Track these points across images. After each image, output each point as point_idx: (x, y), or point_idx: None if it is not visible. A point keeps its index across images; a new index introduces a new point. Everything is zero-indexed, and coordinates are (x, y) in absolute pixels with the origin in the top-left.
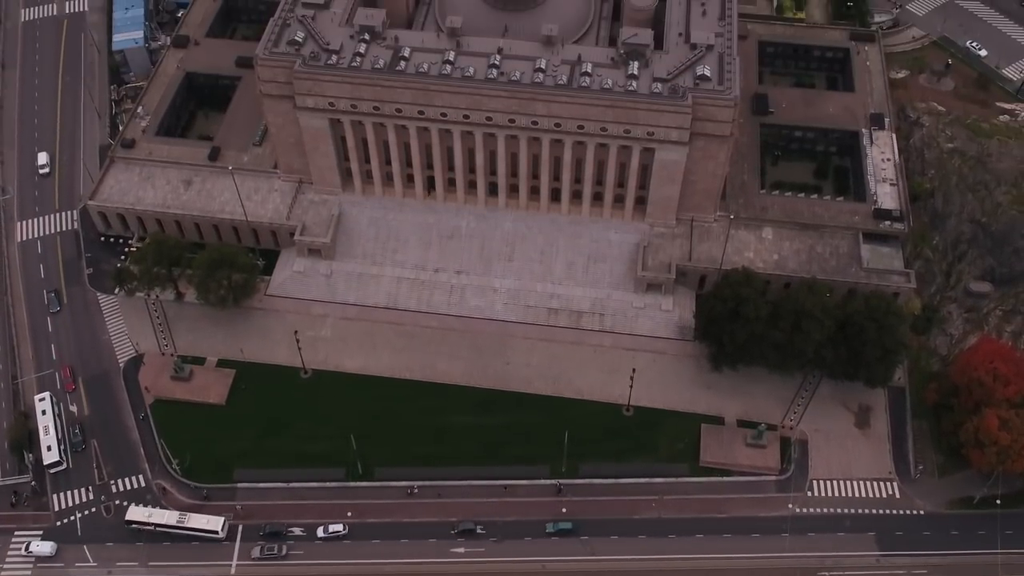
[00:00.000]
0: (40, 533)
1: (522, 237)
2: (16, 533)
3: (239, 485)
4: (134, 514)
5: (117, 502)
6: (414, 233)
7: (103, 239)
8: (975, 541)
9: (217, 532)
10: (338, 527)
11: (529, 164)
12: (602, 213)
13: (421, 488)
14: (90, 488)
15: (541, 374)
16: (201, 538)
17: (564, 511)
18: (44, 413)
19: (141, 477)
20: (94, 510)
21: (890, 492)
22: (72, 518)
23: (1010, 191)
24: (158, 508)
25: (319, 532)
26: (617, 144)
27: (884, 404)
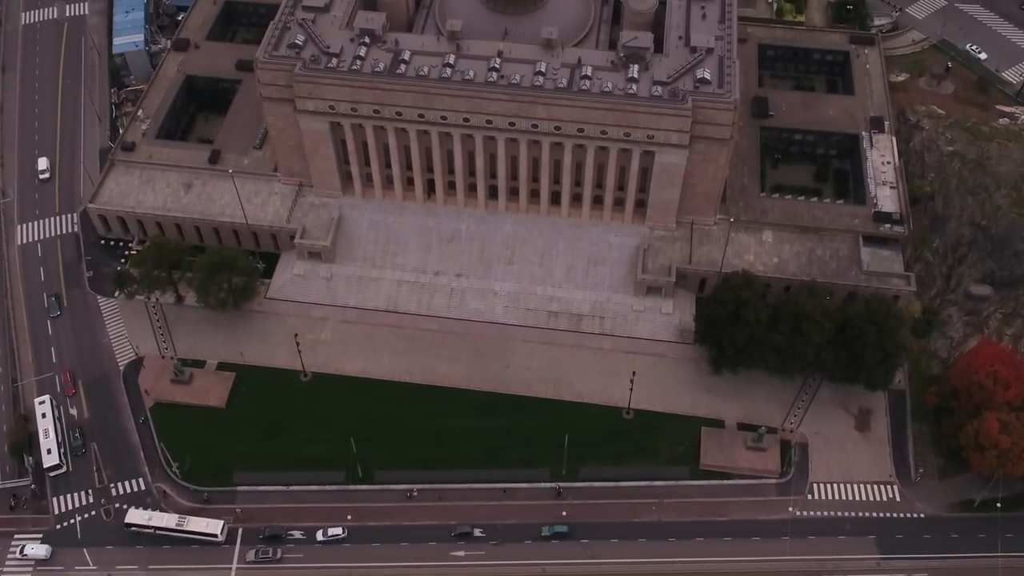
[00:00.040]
0: (40, 536)
1: (522, 240)
2: (16, 536)
3: (239, 488)
4: (133, 517)
5: (117, 505)
6: (414, 236)
7: (103, 242)
8: (975, 544)
9: (216, 535)
10: (337, 530)
11: (529, 167)
12: (602, 216)
13: (421, 491)
14: (90, 491)
15: (541, 377)
16: (200, 541)
17: (564, 514)
18: (44, 416)
19: (141, 480)
20: (94, 513)
21: (890, 495)
22: (72, 521)
23: (1010, 194)
24: (158, 511)
25: (318, 536)
26: (617, 147)
27: (884, 407)
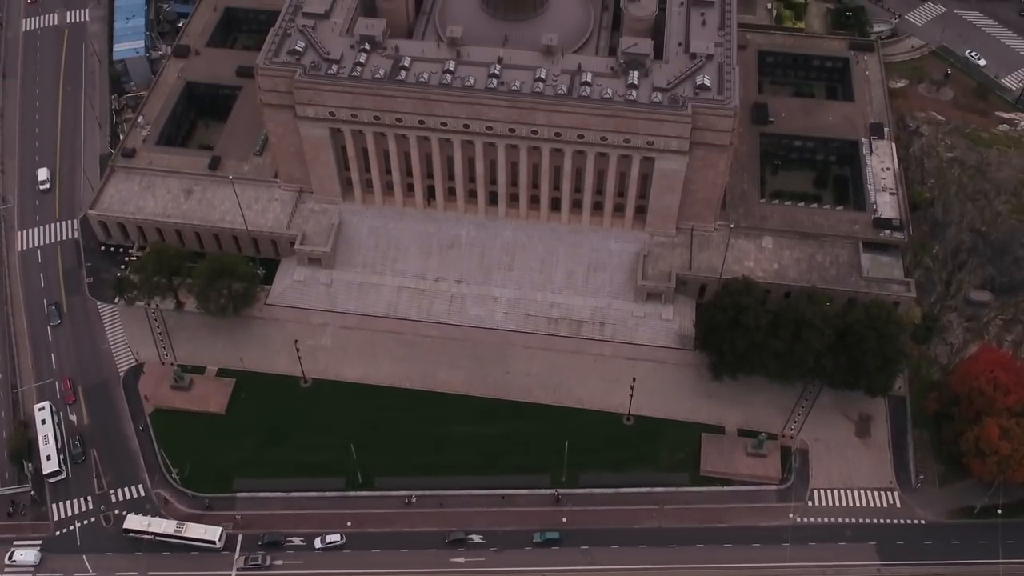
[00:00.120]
0: (39, 543)
1: (522, 246)
2: (15, 543)
3: (239, 495)
4: (132, 523)
5: (117, 512)
6: (414, 242)
7: (103, 248)
8: (976, 551)
9: (214, 542)
10: (335, 537)
11: (529, 173)
12: (602, 222)
13: (421, 498)
14: (89, 498)
15: (541, 383)
16: (199, 548)
17: (564, 521)
18: (44, 422)
19: (141, 487)
20: (93, 520)
21: (891, 501)
22: (71, 528)
23: (1010, 200)
24: (156, 517)
25: (316, 543)
26: (617, 153)
27: (884, 413)
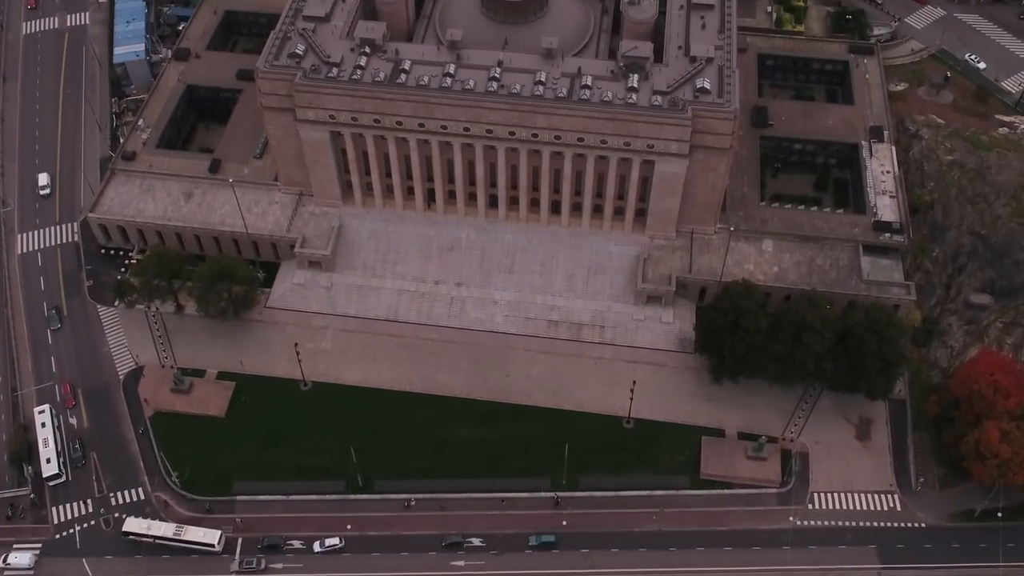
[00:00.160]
0: (39, 546)
1: (522, 249)
2: (14, 547)
3: (239, 498)
4: (131, 525)
5: (116, 515)
6: (414, 245)
7: (103, 251)
8: (976, 554)
9: (214, 545)
10: (334, 540)
11: (529, 176)
12: (602, 225)
13: (421, 501)
14: (89, 501)
15: (541, 386)
16: (199, 551)
17: (564, 524)
18: (43, 425)
19: (141, 490)
20: (93, 523)
21: (891, 505)
22: (71, 531)
23: (1009, 203)
24: (156, 520)
25: (316, 546)
26: (617, 156)
27: (885, 416)
